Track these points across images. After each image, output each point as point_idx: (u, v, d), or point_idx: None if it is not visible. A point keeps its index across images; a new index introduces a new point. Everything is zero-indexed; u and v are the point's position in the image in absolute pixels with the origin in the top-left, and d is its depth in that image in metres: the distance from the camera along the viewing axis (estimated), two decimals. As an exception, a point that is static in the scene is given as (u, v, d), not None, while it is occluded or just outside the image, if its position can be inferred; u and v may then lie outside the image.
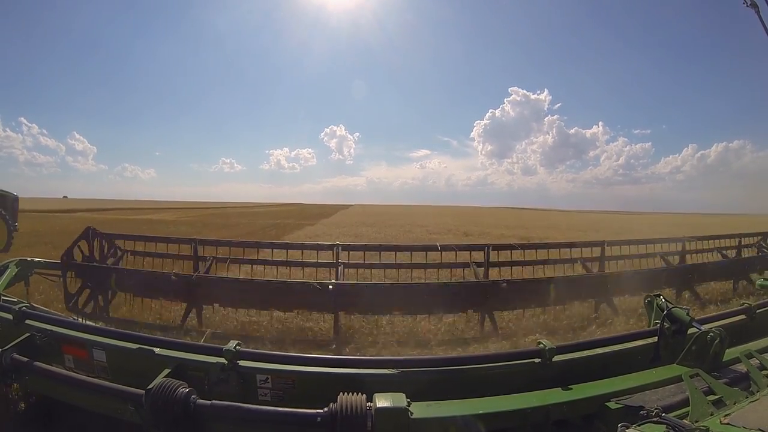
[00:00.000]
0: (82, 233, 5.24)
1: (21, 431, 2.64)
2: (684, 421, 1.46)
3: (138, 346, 2.07)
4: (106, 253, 5.42)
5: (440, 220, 35.90)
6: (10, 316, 2.39)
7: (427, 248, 6.04)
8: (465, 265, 5.72)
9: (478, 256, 5.77)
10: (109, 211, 46.08)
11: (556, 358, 1.99)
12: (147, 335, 2.35)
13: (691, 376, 1.77)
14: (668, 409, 1.60)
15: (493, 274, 5.61)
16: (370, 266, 5.57)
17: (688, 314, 2.18)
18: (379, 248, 5.92)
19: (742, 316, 2.64)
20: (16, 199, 13.16)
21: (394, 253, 5.82)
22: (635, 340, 2.28)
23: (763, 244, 8.07)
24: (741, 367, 1.95)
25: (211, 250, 6.06)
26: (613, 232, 23.31)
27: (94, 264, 5.13)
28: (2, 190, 12.86)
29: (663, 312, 2.27)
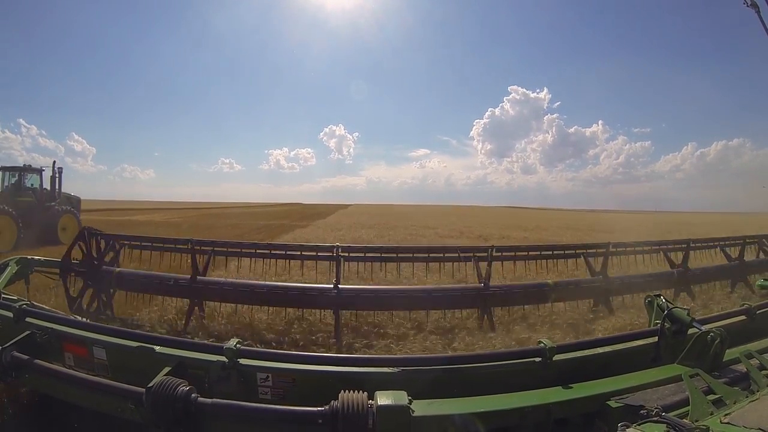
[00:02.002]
0: (79, 234, 5.19)
1: (21, 430, 2.64)
2: (684, 420, 1.47)
3: (138, 344, 2.07)
4: (103, 250, 5.37)
5: (446, 221, 33.50)
6: (10, 314, 2.39)
7: (430, 250, 5.98)
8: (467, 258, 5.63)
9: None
10: (99, 211, 44.55)
11: (557, 357, 1.99)
12: (147, 333, 2.35)
13: (691, 376, 1.78)
14: (668, 408, 1.60)
15: (496, 276, 5.55)
16: (371, 268, 5.51)
17: (688, 314, 2.19)
18: (380, 249, 5.85)
19: (742, 317, 2.65)
20: (78, 200, 16.42)
21: (394, 254, 5.80)
22: (636, 339, 2.29)
23: (766, 245, 7.99)
24: (741, 367, 1.95)
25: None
26: (649, 233, 21.33)
27: (94, 263, 5.09)
28: (68, 194, 15.75)
29: (663, 312, 2.28)
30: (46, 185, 15.00)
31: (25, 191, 14.57)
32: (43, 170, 15.01)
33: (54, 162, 14.94)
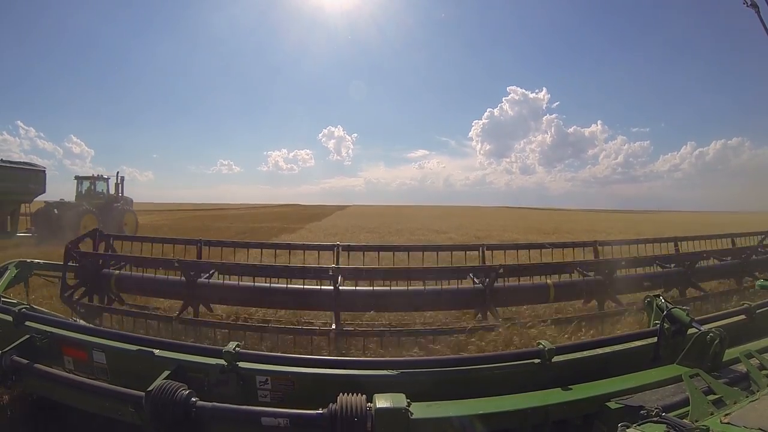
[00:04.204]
0: (89, 232, 5.34)
1: (21, 433, 2.63)
2: (684, 420, 1.47)
3: (137, 347, 2.07)
4: (106, 251, 5.41)
5: (452, 223, 31.10)
6: (9, 318, 2.39)
7: (424, 248, 6.08)
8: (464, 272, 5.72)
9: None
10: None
11: (556, 359, 1.99)
12: (146, 337, 2.35)
13: (691, 376, 1.78)
14: (668, 408, 1.60)
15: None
16: (371, 272, 5.52)
17: (687, 314, 2.18)
18: (379, 248, 5.96)
19: (742, 317, 2.65)
20: (131, 200, 20.56)
21: (392, 253, 5.90)
22: (635, 340, 2.28)
23: (764, 243, 8.02)
24: (741, 367, 1.95)
25: (215, 251, 5.99)
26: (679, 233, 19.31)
27: (95, 264, 5.11)
28: (124, 196, 19.67)
29: (663, 312, 2.27)
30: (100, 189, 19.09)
31: (97, 195, 18.69)
32: (109, 178, 19.38)
33: (117, 172, 19.80)
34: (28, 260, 4.24)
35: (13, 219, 14.89)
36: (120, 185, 19.40)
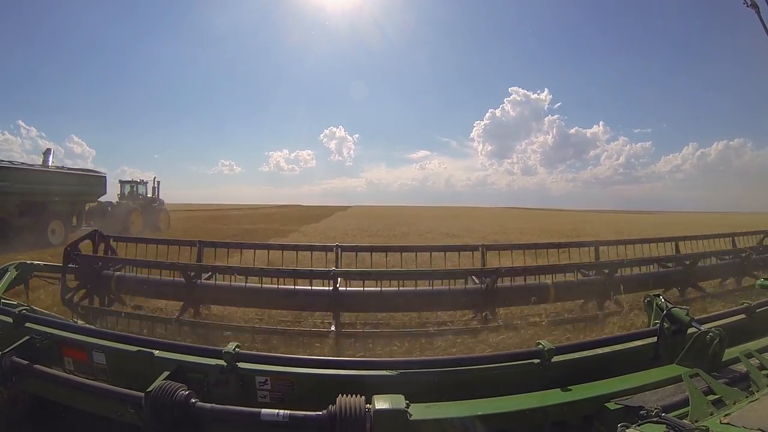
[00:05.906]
0: (88, 234, 5.35)
1: (21, 434, 2.63)
2: (684, 421, 1.46)
3: (137, 348, 2.07)
4: (109, 255, 5.42)
5: (460, 225, 29.48)
6: (9, 319, 2.39)
7: (420, 249, 6.12)
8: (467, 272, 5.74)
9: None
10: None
11: (555, 359, 1.98)
12: (146, 337, 2.35)
13: (691, 376, 1.77)
14: (668, 409, 1.60)
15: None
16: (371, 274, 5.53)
17: (687, 314, 2.17)
18: (386, 248, 5.97)
19: (742, 316, 2.63)
20: (163, 201, 23.38)
21: (395, 253, 5.87)
22: (635, 340, 2.27)
23: (765, 243, 8.02)
24: (741, 367, 1.94)
25: (210, 252, 6.03)
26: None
27: (95, 266, 5.12)
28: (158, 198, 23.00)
29: (662, 312, 2.26)
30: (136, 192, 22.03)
31: (137, 196, 21.79)
32: (146, 182, 22.82)
33: (154, 177, 23.17)
34: (28, 262, 4.25)
35: (80, 216, 17.38)
36: (156, 188, 22.84)
